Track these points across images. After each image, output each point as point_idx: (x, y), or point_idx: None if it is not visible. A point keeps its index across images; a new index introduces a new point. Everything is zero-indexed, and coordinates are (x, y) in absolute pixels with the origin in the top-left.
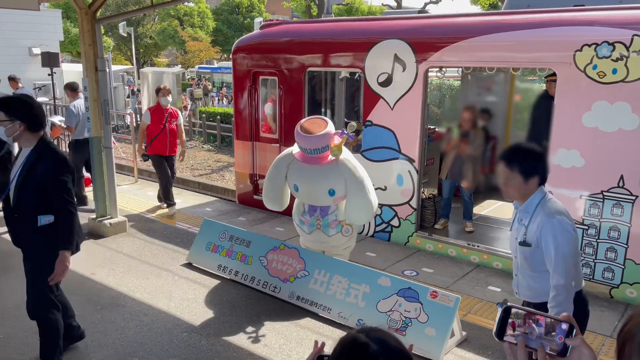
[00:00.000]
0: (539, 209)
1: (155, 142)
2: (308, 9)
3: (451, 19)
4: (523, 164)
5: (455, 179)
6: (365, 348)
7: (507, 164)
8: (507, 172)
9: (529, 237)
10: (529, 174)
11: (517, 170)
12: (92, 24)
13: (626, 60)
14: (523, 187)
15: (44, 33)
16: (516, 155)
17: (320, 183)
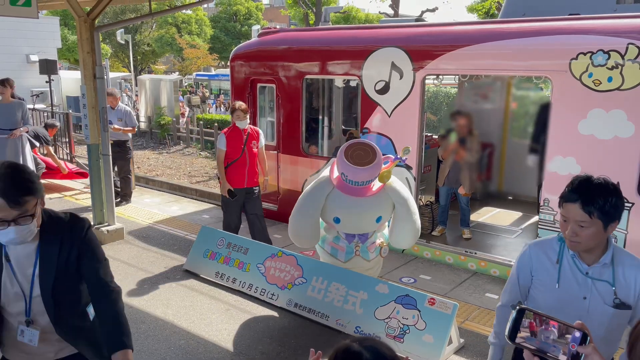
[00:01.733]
0: (617, 257)
1: (230, 170)
2: (306, 17)
3: (448, 27)
4: (606, 206)
5: (452, 186)
6: (358, 357)
7: (585, 206)
8: (583, 217)
9: (625, 296)
10: (612, 219)
11: (597, 215)
12: (91, 31)
13: (621, 69)
14: (602, 235)
15: (42, 40)
16: (596, 195)
17: (367, 213)
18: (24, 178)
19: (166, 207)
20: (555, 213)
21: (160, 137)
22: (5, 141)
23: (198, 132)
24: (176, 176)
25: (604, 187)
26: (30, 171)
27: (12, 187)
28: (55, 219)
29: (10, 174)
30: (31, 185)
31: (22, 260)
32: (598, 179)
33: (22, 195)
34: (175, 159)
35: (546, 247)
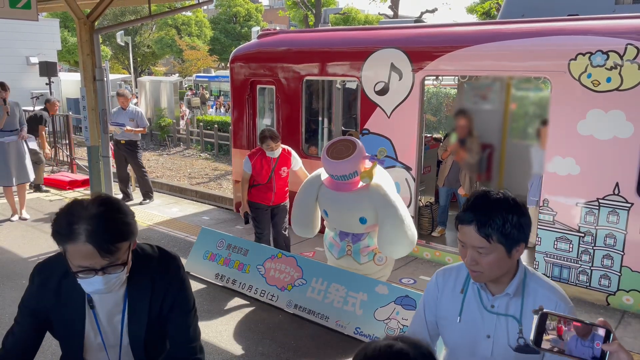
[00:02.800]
0: (529, 285)
1: (256, 190)
2: (305, 19)
3: (447, 28)
4: (506, 227)
5: (452, 186)
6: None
7: (481, 229)
8: (481, 242)
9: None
10: (516, 241)
11: (496, 238)
12: (91, 33)
13: (620, 69)
14: (507, 262)
15: (42, 42)
16: (494, 214)
17: (350, 211)
18: (119, 220)
19: (166, 209)
20: (555, 213)
21: (160, 138)
22: (8, 144)
23: (198, 134)
24: (176, 178)
25: (503, 204)
26: (126, 209)
27: (105, 231)
28: (144, 256)
29: (104, 214)
30: (127, 228)
31: (109, 308)
32: (497, 194)
33: (116, 241)
34: (175, 161)
35: (453, 274)
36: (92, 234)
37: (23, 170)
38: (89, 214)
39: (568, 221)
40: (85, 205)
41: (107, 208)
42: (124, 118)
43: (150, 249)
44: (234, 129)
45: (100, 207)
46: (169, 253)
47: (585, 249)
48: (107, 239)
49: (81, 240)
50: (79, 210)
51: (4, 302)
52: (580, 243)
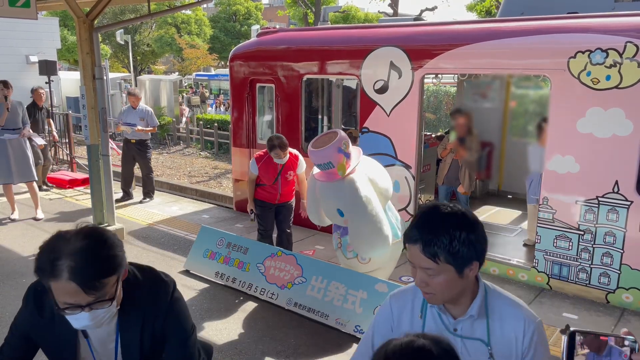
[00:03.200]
0: (493, 305)
1: (262, 189)
2: (305, 17)
3: (446, 26)
4: (453, 245)
5: (452, 185)
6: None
7: (426, 248)
8: (427, 263)
9: (505, 357)
10: (467, 260)
11: (444, 258)
12: (90, 32)
13: (619, 67)
14: (459, 282)
15: (42, 41)
16: (440, 232)
17: (329, 201)
18: (104, 254)
19: (166, 207)
20: (555, 211)
21: (160, 137)
22: (9, 142)
23: (198, 132)
24: (176, 176)
25: (451, 220)
26: (112, 241)
27: (89, 267)
28: (135, 283)
29: (88, 249)
30: (113, 262)
31: (102, 337)
32: (446, 208)
33: (101, 277)
34: (175, 159)
35: (409, 297)
36: (75, 271)
37: (26, 168)
38: (72, 248)
39: (568, 219)
40: (68, 238)
41: (91, 242)
42: (135, 117)
43: (142, 275)
44: (234, 127)
45: (84, 240)
46: (159, 279)
47: (585, 247)
48: (91, 276)
49: (64, 278)
50: (62, 245)
51: (4, 300)
52: (580, 241)
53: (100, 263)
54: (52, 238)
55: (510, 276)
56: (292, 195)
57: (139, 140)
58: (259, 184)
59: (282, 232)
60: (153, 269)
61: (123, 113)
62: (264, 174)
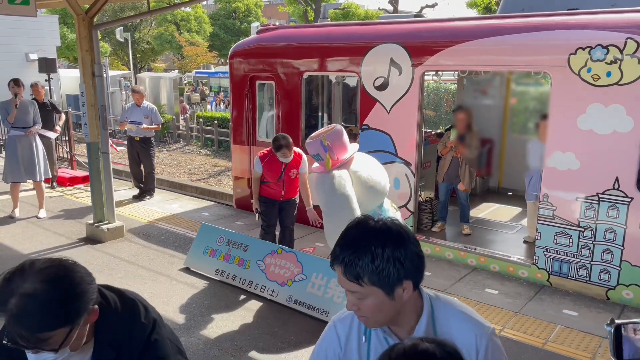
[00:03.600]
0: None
1: (266, 186)
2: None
3: (446, 23)
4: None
5: (452, 182)
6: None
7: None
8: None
9: None
10: (395, 280)
11: (368, 280)
12: (89, 29)
13: (620, 63)
14: (391, 305)
15: (41, 39)
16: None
17: (315, 188)
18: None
19: (166, 205)
20: (555, 208)
21: (160, 135)
22: (19, 139)
23: (198, 130)
24: (176, 174)
25: (375, 235)
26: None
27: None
28: (110, 318)
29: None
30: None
31: None
32: (371, 222)
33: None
34: (175, 157)
35: (354, 321)
36: (12, 318)
37: (34, 167)
38: (22, 290)
39: (568, 216)
40: (26, 274)
41: (45, 288)
42: (139, 115)
43: (123, 310)
44: (234, 125)
45: (39, 284)
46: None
47: (585, 243)
48: (30, 328)
49: (4, 319)
50: (17, 281)
51: None
52: (580, 238)
53: (43, 317)
54: (15, 268)
55: (510, 273)
56: (296, 192)
57: (143, 137)
58: (264, 182)
59: (285, 228)
60: (135, 305)
61: (127, 111)
62: (268, 172)
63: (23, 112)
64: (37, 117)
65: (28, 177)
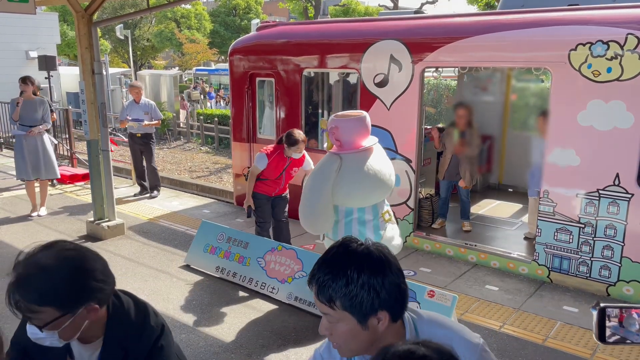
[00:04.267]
0: None
1: (261, 183)
2: (305, 11)
3: (446, 19)
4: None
5: (453, 179)
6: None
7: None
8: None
9: None
10: (369, 309)
11: (340, 305)
12: (89, 27)
13: (620, 59)
14: (364, 335)
15: (41, 36)
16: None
17: None
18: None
19: (166, 202)
20: (556, 204)
21: (161, 132)
22: (25, 138)
23: (198, 127)
24: (177, 171)
25: (352, 259)
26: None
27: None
28: (122, 318)
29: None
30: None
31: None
32: (353, 245)
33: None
34: (175, 154)
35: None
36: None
37: (39, 166)
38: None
39: (568, 212)
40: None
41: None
42: (138, 111)
43: (135, 314)
44: (234, 122)
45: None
46: (147, 322)
47: (586, 239)
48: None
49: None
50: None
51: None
52: (581, 234)
53: (35, 287)
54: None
55: (510, 269)
56: (287, 188)
57: (144, 134)
58: (260, 179)
59: (280, 222)
60: (147, 309)
61: (126, 108)
62: (271, 169)
63: (30, 110)
64: (46, 115)
65: (35, 175)
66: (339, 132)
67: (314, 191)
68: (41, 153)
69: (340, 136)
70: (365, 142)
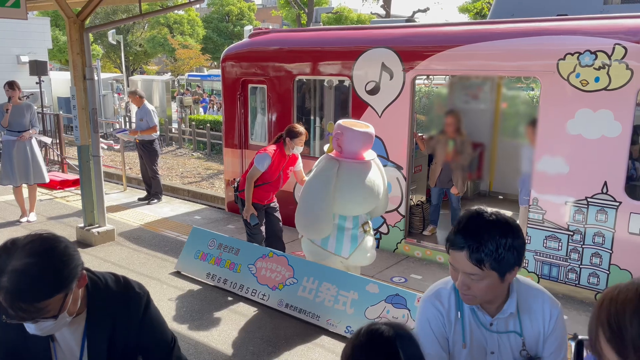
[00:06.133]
0: (523, 303)
1: (259, 189)
2: (298, 18)
3: (438, 27)
4: (499, 252)
5: (444, 186)
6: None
7: (472, 255)
8: (472, 269)
9: (534, 348)
10: (510, 266)
11: (489, 265)
12: (81, 32)
13: (608, 69)
14: (500, 287)
15: (33, 41)
16: (487, 239)
17: None
18: (46, 277)
19: (157, 208)
20: (545, 212)
21: None
22: (14, 143)
23: (190, 133)
24: (168, 177)
25: (497, 227)
26: (60, 258)
27: (23, 292)
28: (105, 291)
29: (26, 270)
30: (56, 282)
31: (68, 342)
32: (490, 216)
33: (38, 301)
34: (167, 160)
35: (443, 299)
36: (7, 293)
37: (27, 171)
38: (12, 267)
39: (557, 220)
40: (12, 253)
41: (34, 261)
42: (137, 118)
43: (115, 284)
44: (226, 128)
45: (26, 259)
46: (132, 290)
47: (574, 247)
48: (27, 300)
49: (2, 296)
50: (4, 259)
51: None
52: (569, 241)
53: (39, 287)
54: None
55: None
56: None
57: (142, 140)
58: (258, 185)
59: (278, 231)
60: (127, 280)
61: None
62: (272, 170)
63: (18, 116)
64: (34, 120)
65: (22, 181)
66: (342, 139)
67: (315, 193)
68: (30, 158)
69: (342, 143)
70: (365, 154)
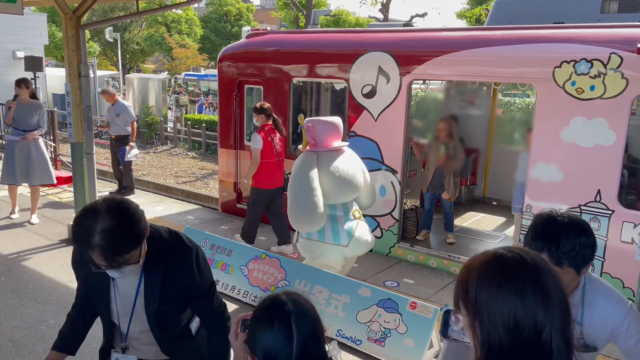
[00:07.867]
0: (589, 296)
1: (263, 168)
2: (296, 20)
3: (435, 33)
4: (576, 250)
5: (436, 192)
6: (283, 306)
7: (552, 256)
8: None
9: (592, 339)
10: (585, 262)
11: (567, 263)
12: (77, 29)
13: (603, 78)
14: (575, 280)
15: (29, 37)
16: (565, 240)
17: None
18: (130, 233)
19: (150, 208)
20: None
21: (147, 136)
22: (16, 143)
23: (186, 132)
24: (162, 176)
25: (573, 228)
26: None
27: (116, 246)
28: (160, 241)
29: (115, 229)
30: (137, 237)
31: (126, 284)
32: (564, 218)
33: (126, 253)
34: (162, 159)
35: None
36: (104, 249)
37: (29, 171)
38: (102, 228)
39: None
40: (97, 215)
41: (118, 221)
42: (110, 114)
43: (169, 237)
44: (221, 128)
45: (112, 220)
46: (185, 244)
47: None
48: (119, 252)
49: (96, 252)
50: (93, 223)
51: None
52: None
53: (126, 242)
54: (83, 213)
55: None
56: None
57: (117, 136)
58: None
59: (281, 217)
60: (179, 234)
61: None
62: (267, 148)
63: (25, 115)
64: (42, 121)
65: (23, 181)
66: (314, 131)
67: (302, 185)
68: (35, 158)
69: (315, 134)
70: (336, 143)
